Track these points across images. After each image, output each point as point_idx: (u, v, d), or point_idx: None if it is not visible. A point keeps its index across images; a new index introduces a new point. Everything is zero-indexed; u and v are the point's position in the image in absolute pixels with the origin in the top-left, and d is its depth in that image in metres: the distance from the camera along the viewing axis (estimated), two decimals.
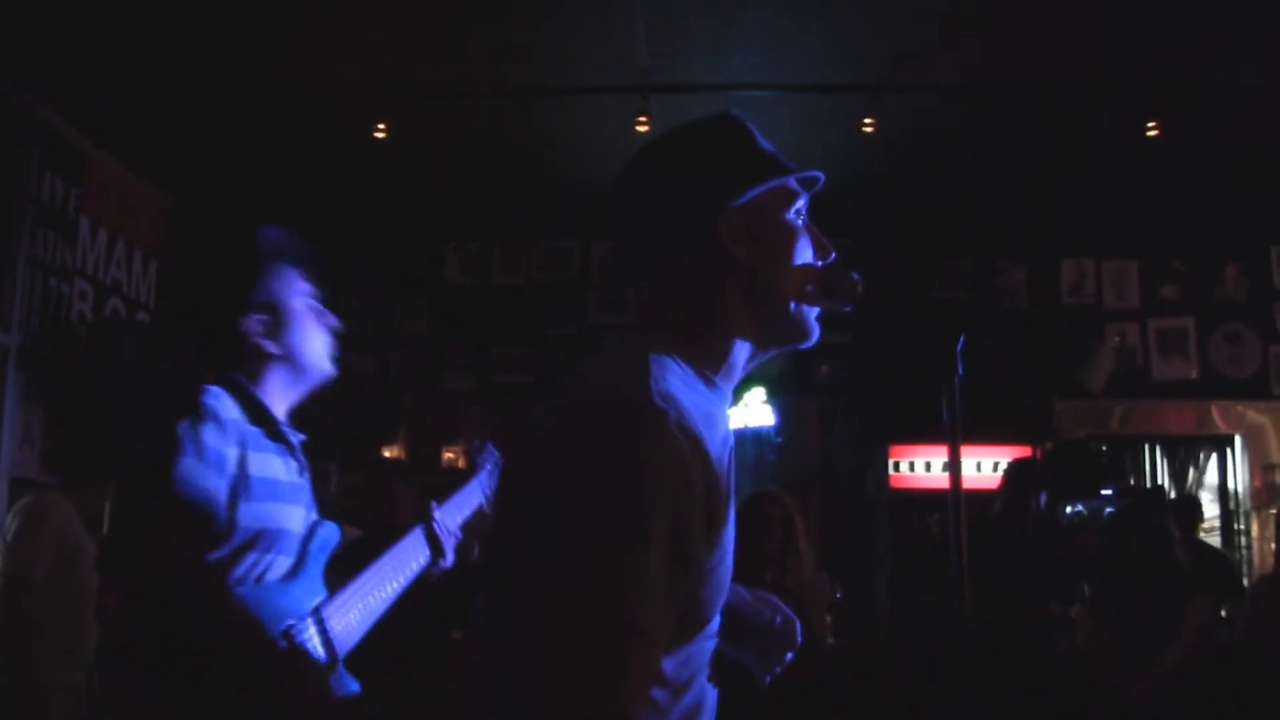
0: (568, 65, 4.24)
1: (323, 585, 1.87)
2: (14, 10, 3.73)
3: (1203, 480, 6.06)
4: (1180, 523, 4.52)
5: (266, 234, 1.99)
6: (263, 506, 1.77)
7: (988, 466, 5.53)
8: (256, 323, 1.89)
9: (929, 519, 5.57)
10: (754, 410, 5.62)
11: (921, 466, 5.75)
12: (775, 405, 5.65)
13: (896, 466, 5.75)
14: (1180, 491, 5.88)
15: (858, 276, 1.25)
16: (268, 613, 1.72)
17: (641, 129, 4.32)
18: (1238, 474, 5.84)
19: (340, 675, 1.81)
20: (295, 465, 1.92)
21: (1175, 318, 5.91)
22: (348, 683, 1.83)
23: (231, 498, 1.74)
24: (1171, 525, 4.26)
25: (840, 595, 3.94)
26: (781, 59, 4.20)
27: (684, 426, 1.05)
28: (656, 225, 1.25)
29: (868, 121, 4.43)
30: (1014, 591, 4.13)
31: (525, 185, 5.51)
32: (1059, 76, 4.30)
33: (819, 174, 1.27)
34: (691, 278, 1.22)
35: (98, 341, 4.51)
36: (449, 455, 5.83)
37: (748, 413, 5.59)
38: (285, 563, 1.81)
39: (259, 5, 3.84)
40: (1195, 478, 6.09)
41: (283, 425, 1.90)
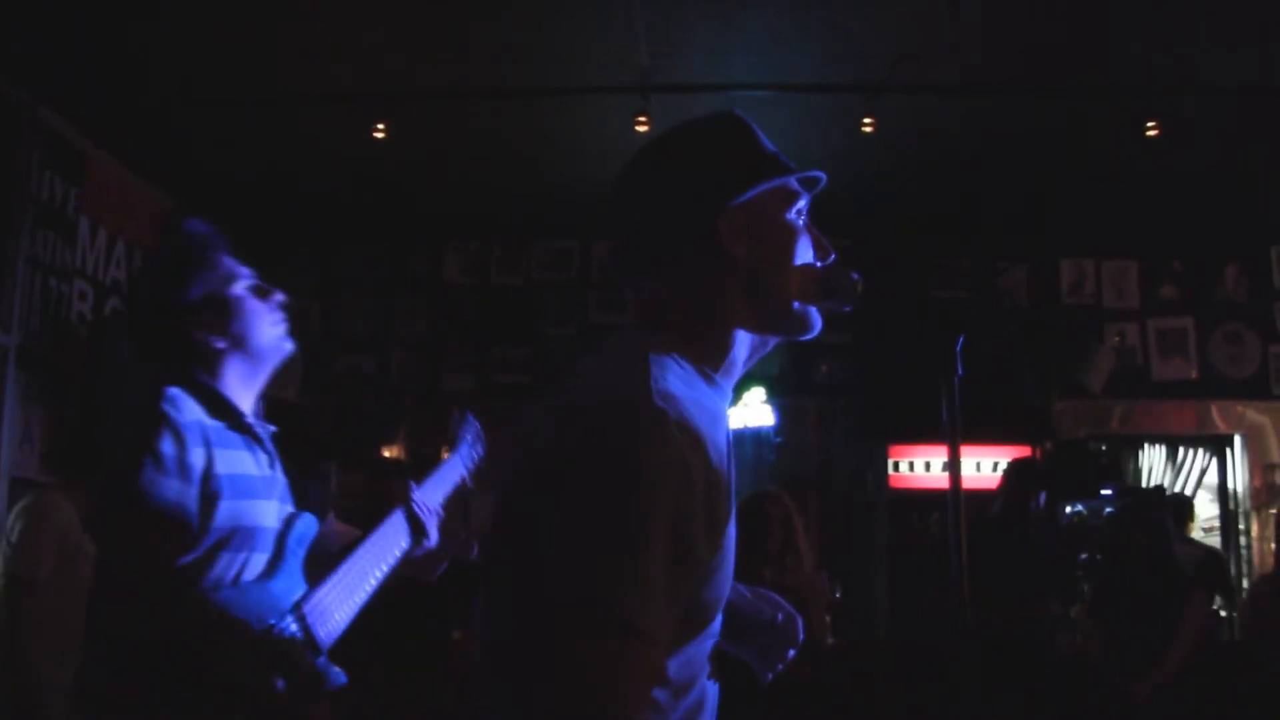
0: (568, 65, 4.24)
1: (303, 579, 1.84)
2: (14, 10, 3.73)
3: (1202, 480, 6.06)
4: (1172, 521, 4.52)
5: (189, 228, 1.94)
6: (235, 505, 1.74)
7: (987, 466, 5.53)
8: (199, 321, 1.84)
9: (929, 519, 5.57)
10: (754, 410, 5.61)
11: (921, 466, 5.76)
12: (775, 405, 5.65)
13: (896, 466, 5.75)
14: (1173, 491, 5.88)
15: (858, 277, 1.25)
16: (248, 613, 1.69)
17: (641, 129, 4.32)
18: (1237, 474, 5.84)
19: (326, 668, 1.80)
20: (265, 458, 1.88)
21: (1175, 318, 5.90)
22: (334, 675, 1.82)
23: (202, 501, 1.70)
24: (1171, 525, 4.26)
25: (840, 595, 3.95)
26: (781, 59, 4.20)
27: (685, 425, 1.05)
28: (657, 225, 1.24)
29: (867, 121, 4.43)
30: (1014, 591, 4.14)
31: (525, 185, 5.51)
32: (1059, 76, 4.30)
33: (820, 174, 1.27)
34: (692, 277, 1.22)
35: (98, 341, 4.51)
36: (447, 455, 5.82)
37: (747, 412, 5.59)
38: (262, 560, 1.78)
39: (259, 5, 3.84)
40: (1195, 478, 6.09)
41: (248, 419, 1.87)
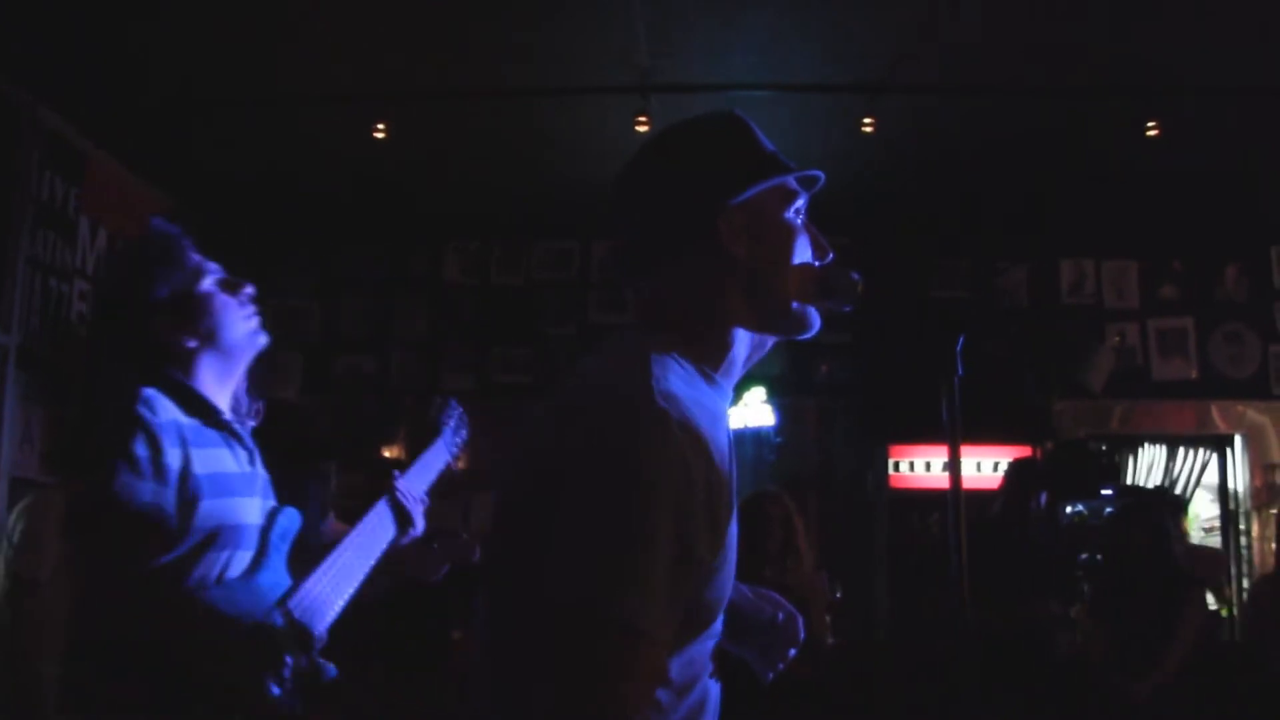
0: (568, 65, 4.24)
1: (287, 575, 1.83)
2: (14, 10, 3.73)
3: (1203, 480, 6.06)
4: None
5: (152, 227, 1.91)
6: (214, 504, 1.73)
7: (988, 466, 5.53)
8: (168, 321, 1.83)
9: (929, 519, 5.57)
10: (754, 410, 5.61)
11: (921, 466, 5.76)
12: (775, 405, 5.65)
13: (896, 466, 5.75)
14: (1170, 491, 5.88)
15: (857, 276, 1.25)
16: (234, 610, 1.69)
17: (641, 129, 4.32)
18: (1238, 474, 5.84)
19: (317, 662, 1.79)
20: (245, 455, 1.86)
21: (1175, 318, 5.90)
22: (326, 670, 1.81)
23: (180, 501, 1.69)
24: (1171, 525, 4.26)
25: (840, 595, 3.95)
26: (781, 59, 4.20)
27: (686, 425, 1.05)
28: (657, 225, 1.24)
29: (867, 121, 4.42)
30: (1014, 591, 4.14)
31: (525, 185, 5.50)
32: (1059, 76, 4.30)
33: (819, 173, 1.27)
34: (692, 277, 1.22)
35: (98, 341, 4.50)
36: (465, 452, 5.82)
37: (747, 412, 5.59)
38: (246, 557, 1.77)
39: (259, 5, 3.83)
40: (1195, 478, 6.09)
41: (225, 416, 1.85)
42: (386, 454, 5.79)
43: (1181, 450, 6.07)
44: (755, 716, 2.24)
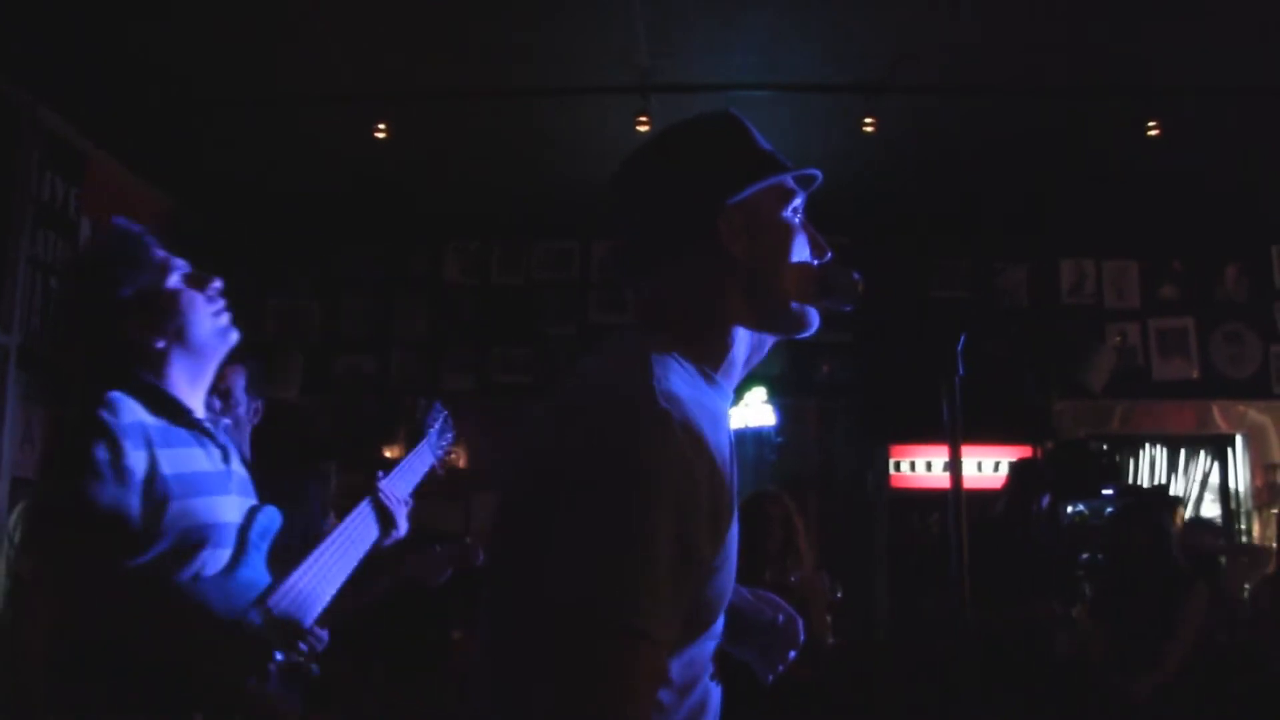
0: (568, 65, 4.24)
1: (267, 573, 1.81)
2: (14, 10, 3.73)
3: (1204, 480, 6.06)
4: None
5: (114, 227, 1.89)
6: (186, 504, 1.71)
7: (988, 466, 5.53)
8: (135, 321, 1.80)
9: (929, 519, 5.57)
10: (754, 410, 5.62)
11: (922, 466, 5.75)
12: (776, 405, 5.65)
13: (897, 466, 5.75)
14: (1167, 490, 5.88)
15: (858, 276, 1.25)
16: (211, 608, 1.68)
17: (642, 129, 4.32)
18: (1238, 474, 5.85)
19: (296, 661, 1.78)
20: (218, 453, 1.84)
21: (1175, 318, 5.91)
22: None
23: (146, 503, 1.67)
24: (1172, 525, 4.26)
25: (840, 595, 3.94)
26: (781, 59, 4.20)
27: (687, 425, 1.04)
28: (656, 225, 1.24)
29: (868, 121, 4.42)
30: (1014, 591, 4.14)
31: (525, 185, 5.50)
32: (1059, 76, 4.30)
33: (816, 172, 1.27)
34: (692, 277, 1.22)
35: None
36: (450, 455, 5.82)
37: (748, 412, 5.59)
38: (223, 555, 1.75)
39: (259, 5, 3.83)
40: (1196, 478, 6.09)
41: (196, 415, 1.83)
42: (387, 454, 5.79)
43: (1183, 451, 6.07)
44: (756, 716, 2.24)
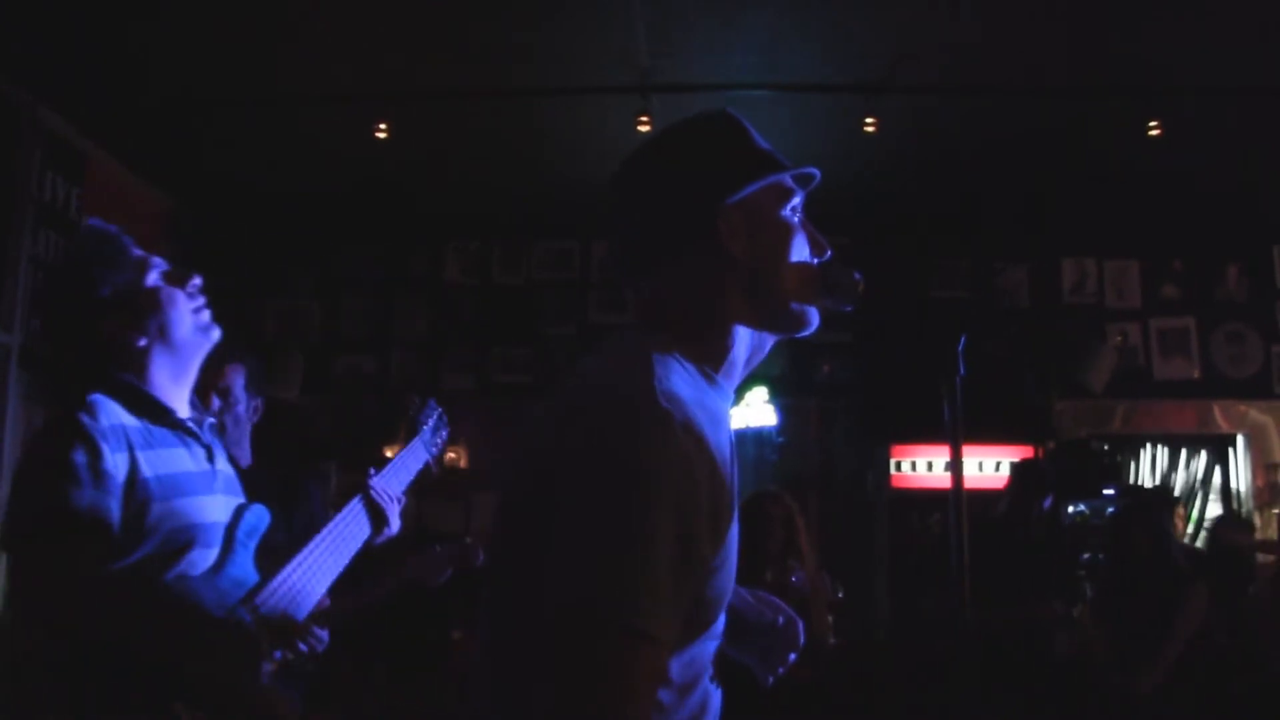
0: (568, 65, 4.24)
1: (255, 572, 1.81)
2: (14, 10, 3.73)
3: (1205, 480, 6.06)
4: None
5: (91, 227, 1.87)
6: (169, 504, 1.70)
7: (989, 466, 5.53)
8: (115, 320, 1.79)
9: (929, 519, 5.56)
10: (755, 410, 5.62)
11: (923, 466, 5.75)
12: (776, 405, 5.65)
13: (897, 466, 5.75)
14: (1166, 490, 5.89)
15: (859, 276, 1.25)
16: (199, 606, 1.67)
17: (642, 129, 4.32)
18: (1239, 474, 5.85)
19: (286, 657, 1.78)
20: (203, 452, 1.83)
21: (1176, 317, 5.91)
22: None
23: (127, 505, 1.66)
24: (1172, 525, 4.26)
25: (841, 595, 3.94)
26: (781, 59, 4.19)
27: (688, 425, 1.04)
28: (656, 225, 1.24)
29: (868, 121, 4.42)
30: (1015, 591, 4.13)
31: (525, 185, 5.50)
32: (1059, 76, 4.29)
33: (814, 171, 1.27)
34: (692, 277, 1.22)
35: None
36: (450, 455, 5.83)
37: (749, 412, 5.59)
38: (209, 554, 1.75)
39: (259, 5, 3.83)
40: (1197, 477, 6.09)
41: (179, 415, 1.82)
42: (388, 454, 5.79)
43: (1184, 451, 6.07)
44: (756, 717, 2.24)
